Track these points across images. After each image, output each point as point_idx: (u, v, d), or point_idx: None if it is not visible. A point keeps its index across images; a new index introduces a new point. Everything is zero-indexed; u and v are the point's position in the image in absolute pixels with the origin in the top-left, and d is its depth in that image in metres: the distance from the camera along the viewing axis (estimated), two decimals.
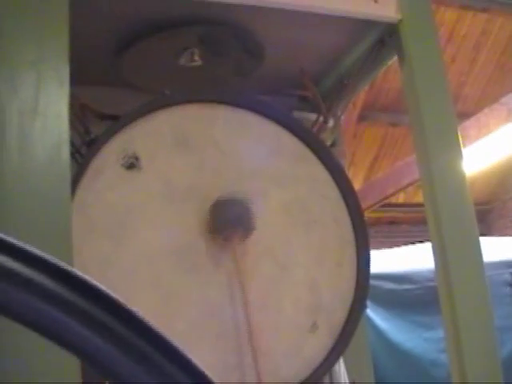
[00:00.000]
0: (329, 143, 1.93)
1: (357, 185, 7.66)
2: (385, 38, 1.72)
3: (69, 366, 1.05)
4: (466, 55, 7.42)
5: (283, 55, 1.89)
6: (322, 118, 1.86)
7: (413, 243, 4.82)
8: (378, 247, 4.87)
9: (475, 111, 5.32)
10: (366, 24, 1.71)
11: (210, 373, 0.50)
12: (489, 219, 9.88)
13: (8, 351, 1.04)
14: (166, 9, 1.61)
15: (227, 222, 1.51)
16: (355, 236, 1.71)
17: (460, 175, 1.57)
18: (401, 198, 8.67)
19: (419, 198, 1.54)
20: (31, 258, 0.48)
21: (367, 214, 6.71)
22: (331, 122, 1.93)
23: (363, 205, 6.01)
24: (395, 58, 1.72)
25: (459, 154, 1.59)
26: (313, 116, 1.92)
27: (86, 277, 0.49)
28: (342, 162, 1.88)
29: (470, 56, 7.49)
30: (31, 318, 0.48)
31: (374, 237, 8.40)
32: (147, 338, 0.48)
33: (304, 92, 1.96)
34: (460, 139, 1.61)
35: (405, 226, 9.35)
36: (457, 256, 1.51)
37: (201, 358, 0.51)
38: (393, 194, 6.04)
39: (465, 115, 5.71)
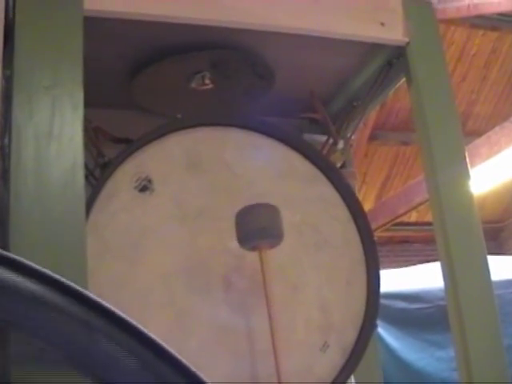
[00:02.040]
0: (339, 165, 1.95)
1: (368, 204, 7.67)
2: (393, 60, 1.74)
3: None
4: (476, 74, 7.43)
5: (293, 78, 1.92)
6: (331, 140, 1.88)
7: (426, 262, 4.81)
8: (390, 266, 4.87)
9: (486, 129, 5.33)
10: (374, 47, 1.74)
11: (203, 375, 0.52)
12: (501, 237, 9.86)
13: None
14: (178, 33, 1.64)
15: (254, 231, 1.47)
16: (365, 256, 1.72)
17: (467, 194, 1.58)
18: (413, 217, 8.65)
19: (431, 217, 1.56)
20: (56, 283, 0.50)
21: (379, 234, 6.71)
22: (341, 144, 1.95)
23: (375, 224, 6.02)
24: (404, 79, 1.74)
25: (467, 174, 1.60)
26: (323, 138, 1.94)
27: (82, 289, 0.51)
28: (352, 183, 1.89)
29: (481, 74, 7.50)
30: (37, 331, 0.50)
31: (387, 256, 8.40)
32: (142, 341, 0.50)
33: (314, 114, 1.98)
34: (467, 159, 1.62)
35: (417, 245, 9.32)
36: (465, 275, 1.51)
37: (214, 374, 0.53)
38: (405, 213, 6.04)
39: (476, 133, 5.73)
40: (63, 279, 0.54)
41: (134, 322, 0.55)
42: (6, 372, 1.04)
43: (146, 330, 0.54)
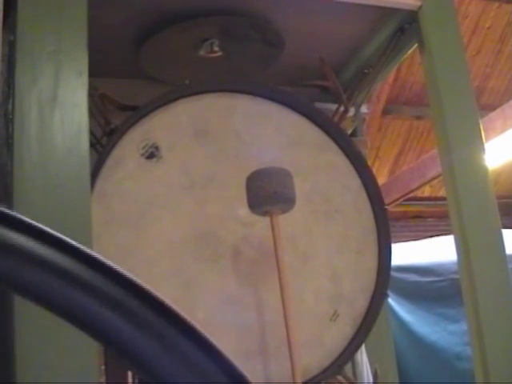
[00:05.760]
0: (349, 132, 1.92)
1: (382, 179, 7.63)
2: (404, 26, 1.71)
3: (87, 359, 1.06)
4: (491, 47, 7.35)
5: (303, 45, 1.89)
6: (342, 108, 1.85)
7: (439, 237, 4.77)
8: (404, 241, 4.84)
9: (501, 104, 5.26)
10: (386, 12, 1.71)
11: (247, 374, 0.49)
12: None
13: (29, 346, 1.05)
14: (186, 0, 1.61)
15: (265, 196, 1.40)
16: (376, 225, 1.70)
17: (482, 169, 1.56)
18: (426, 192, 8.61)
19: (445, 192, 1.54)
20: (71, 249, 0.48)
21: (392, 209, 6.68)
22: (352, 112, 1.92)
23: (388, 199, 5.97)
24: (415, 46, 1.71)
25: (481, 148, 1.57)
26: (333, 106, 1.92)
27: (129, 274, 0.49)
28: (363, 151, 1.86)
29: (496, 48, 7.41)
30: (64, 305, 0.48)
31: (400, 231, 8.36)
32: (187, 335, 0.48)
33: (325, 82, 1.95)
34: (482, 127, 1.59)
35: (431, 220, 9.27)
36: (479, 249, 1.49)
37: (221, 345, 0.51)
38: (418, 188, 6.00)
39: (491, 107, 5.66)
40: (65, 237, 0.52)
41: (139, 282, 0.52)
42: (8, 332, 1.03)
43: (149, 287, 0.51)
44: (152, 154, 1.51)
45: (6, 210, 0.48)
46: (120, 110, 1.68)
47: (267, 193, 1.39)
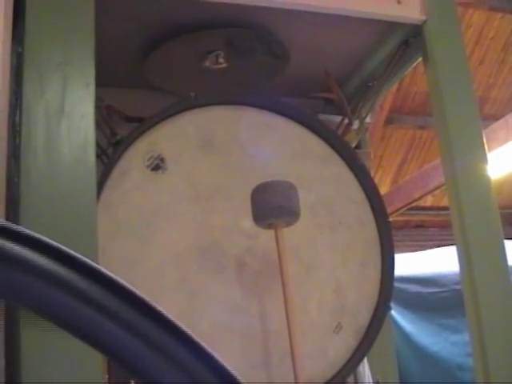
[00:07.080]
0: (354, 145, 1.93)
1: (384, 188, 7.63)
2: (409, 39, 1.72)
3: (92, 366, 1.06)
4: (494, 57, 7.35)
5: (308, 58, 1.89)
6: (346, 120, 1.86)
7: (441, 247, 4.77)
8: (406, 251, 4.84)
9: (504, 113, 5.25)
10: (391, 25, 1.71)
11: (237, 373, 0.50)
12: None
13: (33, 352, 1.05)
14: (192, 12, 1.62)
15: (270, 209, 1.41)
16: (380, 237, 1.70)
17: (485, 179, 1.56)
18: (429, 202, 8.60)
19: (447, 202, 1.54)
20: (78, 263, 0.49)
21: (395, 218, 6.67)
22: (356, 124, 1.92)
23: (391, 208, 5.96)
24: (420, 59, 1.71)
25: (484, 158, 1.57)
26: (338, 118, 1.92)
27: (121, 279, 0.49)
28: (367, 163, 1.87)
29: (499, 58, 7.42)
30: (64, 316, 0.48)
31: (402, 240, 8.35)
32: (177, 338, 0.49)
33: (329, 94, 1.95)
34: (485, 141, 1.59)
35: (433, 230, 9.27)
36: (481, 259, 1.49)
37: (225, 356, 0.51)
38: (420, 198, 5.99)
39: (494, 117, 5.66)
40: (68, 249, 0.53)
41: (145, 298, 0.53)
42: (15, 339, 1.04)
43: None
44: (157, 165, 1.52)
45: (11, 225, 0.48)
46: (126, 121, 1.69)
47: (272, 206, 1.39)
